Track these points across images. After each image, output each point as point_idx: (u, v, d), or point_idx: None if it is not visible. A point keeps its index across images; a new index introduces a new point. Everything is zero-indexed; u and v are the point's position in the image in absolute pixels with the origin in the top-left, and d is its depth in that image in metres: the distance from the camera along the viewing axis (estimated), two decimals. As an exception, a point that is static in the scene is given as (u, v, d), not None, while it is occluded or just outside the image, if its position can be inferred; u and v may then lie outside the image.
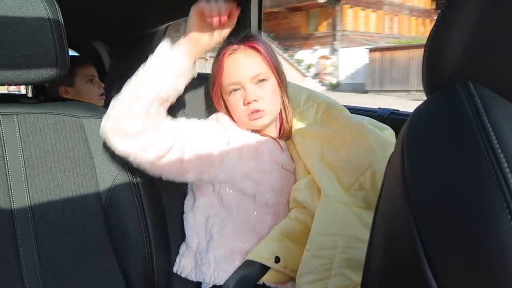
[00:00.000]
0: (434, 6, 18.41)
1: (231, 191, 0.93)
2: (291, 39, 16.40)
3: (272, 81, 0.98)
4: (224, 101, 1.02)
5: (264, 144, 0.98)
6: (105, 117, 0.84)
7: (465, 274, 0.26)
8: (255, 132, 1.00)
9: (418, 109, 0.39)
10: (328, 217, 0.83)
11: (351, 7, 15.59)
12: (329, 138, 0.95)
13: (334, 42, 14.84)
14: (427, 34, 0.40)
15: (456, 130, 0.32)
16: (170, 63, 0.83)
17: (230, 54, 0.96)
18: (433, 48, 0.40)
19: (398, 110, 1.24)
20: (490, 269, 0.25)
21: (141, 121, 0.81)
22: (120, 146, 0.83)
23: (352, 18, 15.71)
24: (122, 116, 0.81)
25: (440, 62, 0.39)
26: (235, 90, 0.96)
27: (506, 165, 0.27)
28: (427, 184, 0.31)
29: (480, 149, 0.29)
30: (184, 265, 0.98)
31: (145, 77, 0.83)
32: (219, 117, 1.01)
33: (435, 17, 0.40)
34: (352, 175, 0.87)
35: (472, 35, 0.36)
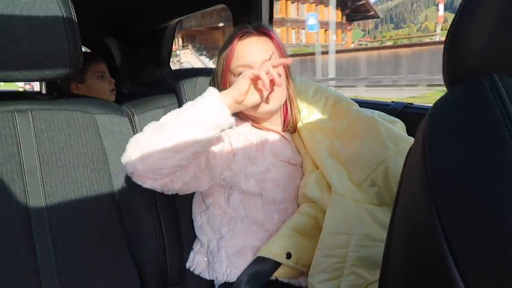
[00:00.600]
0: (344, 20, 25.05)
1: (237, 192, 0.92)
2: (215, 50, 19.99)
3: (281, 69, 0.97)
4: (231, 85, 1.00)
5: (268, 139, 0.97)
6: (132, 154, 0.76)
7: (492, 268, 0.25)
8: (258, 125, 0.99)
9: (439, 102, 0.38)
10: (340, 215, 0.82)
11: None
12: (338, 132, 0.93)
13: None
14: (339, 41, 0.39)
15: (481, 122, 0.31)
16: (218, 122, 0.78)
17: (242, 37, 0.94)
18: (454, 41, 0.39)
19: (412, 104, 1.22)
20: None
21: (180, 166, 0.77)
22: (150, 185, 0.79)
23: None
24: (160, 163, 0.75)
25: (461, 54, 0.38)
26: None
27: None
28: (451, 177, 0.30)
29: (506, 140, 0.28)
30: (198, 262, 0.98)
31: (189, 129, 0.75)
32: None
33: (348, 28, 0.39)
34: (363, 171, 0.85)
35: (495, 26, 0.35)
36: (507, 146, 0.28)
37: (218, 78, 1.01)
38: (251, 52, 0.93)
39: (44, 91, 0.92)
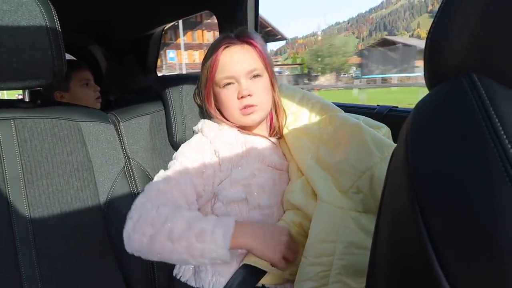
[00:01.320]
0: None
1: (222, 198, 0.92)
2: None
3: (265, 77, 0.97)
4: (214, 97, 1.01)
5: (254, 144, 0.97)
6: (135, 244, 0.78)
7: (474, 266, 0.26)
8: (245, 131, 0.99)
9: (420, 103, 0.38)
10: (326, 224, 0.81)
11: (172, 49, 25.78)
12: (324, 139, 0.93)
13: (162, 70, 24.45)
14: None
15: (461, 121, 0.31)
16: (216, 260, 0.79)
17: (226, 47, 0.94)
18: (435, 41, 0.40)
19: (396, 107, 1.23)
20: (498, 260, 0.24)
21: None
22: None
23: (176, 55, 25.38)
24: (165, 255, 0.78)
25: (442, 55, 0.39)
26: (229, 84, 0.95)
27: None
28: (433, 177, 0.30)
29: (486, 139, 0.28)
30: (184, 270, 0.97)
31: (188, 255, 0.77)
32: (204, 128, 0.99)
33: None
34: (349, 178, 0.84)
35: (474, 27, 0.36)
36: (487, 145, 0.28)
37: (202, 88, 1.01)
38: (236, 63, 0.93)
39: (27, 99, 0.91)
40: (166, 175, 0.88)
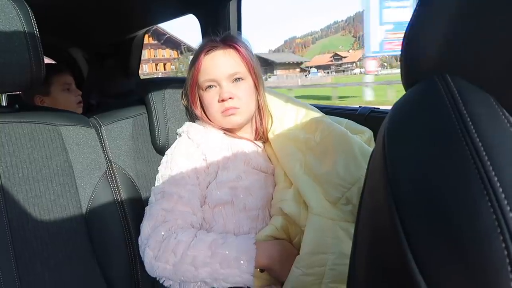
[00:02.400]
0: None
1: (208, 202, 0.92)
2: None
3: (249, 81, 0.98)
4: (199, 100, 1.01)
5: (240, 147, 0.98)
6: (159, 267, 0.81)
7: (447, 262, 0.26)
8: (230, 134, 1.00)
9: (397, 103, 0.39)
10: (317, 236, 0.82)
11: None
12: (311, 146, 0.93)
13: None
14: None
15: (435, 121, 0.32)
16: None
17: (208, 51, 0.95)
18: (410, 42, 0.41)
19: (378, 108, 1.25)
20: (471, 258, 0.25)
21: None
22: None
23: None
24: (188, 279, 0.81)
25: (417, 56, 0.40)
26: (211, 86, 0.96)
27: (484, 153, 0.27)
28: (409, 176, 0.31)
29: (458, 138, 0.29)
30: None
31: (220, 274, 0.80)
32: (190, 131, 0.99)
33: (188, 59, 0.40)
34: (338, 190, 0.85)
35: (448, 28, 0.37)
36: (459, 145, 0.29)
37: (188, 90, 1.02)
38: (218, 67, 0.94)
39: (4, 103, 0.89)
40: (164, 191, 0.89)
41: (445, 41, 0.36)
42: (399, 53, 0.44)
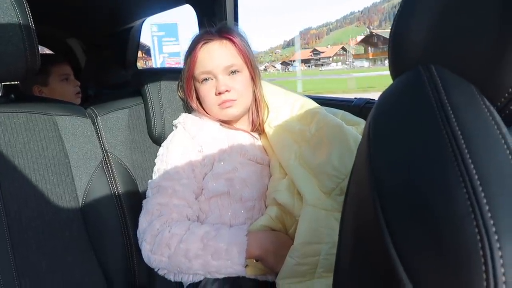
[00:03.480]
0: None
1: (206, 194, 0.93)
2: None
3: (245, 73, 0.98)
4: (195, 92, 1.02)
5: (236, 138, 0.98)
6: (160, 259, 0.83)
7: (424, 248, 0.27)
8: (227, 125, 1.00)
9: (383, 93, 0.39)
10: (311, 227, 0.82)
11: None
12: (306, 137, 0.93)
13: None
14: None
15: (418, 110, 0.33)
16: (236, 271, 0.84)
17: (204, 44, 0.95)
18: (398, 33, 0.41)
19: (374, 100, 1.26)
20: (446, 243, 0.26)
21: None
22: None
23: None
24: (182, 270, 0.84)
25: (403, 46, 0.40)
26: (207, 79, 0.96)
27: (462, 141, 0.28)
28: (391, 163, 0.32)
29: (439, 127, 0.30)
30: None
31: (212, 266, 0.82)
32: (186, 122, 1.00)
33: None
34: (333, 180, 0.86)
35: (433, 19, 0.37)
36: (439, 133, 0.29)
37: (184, 82, 1.02)
38: (213, 59, 0.94)
39: (0, 93, 0.89)
40: (160, 185, 0.90)
41: (430, 33, 0.37)
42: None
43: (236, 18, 1.49)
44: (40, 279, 0.84)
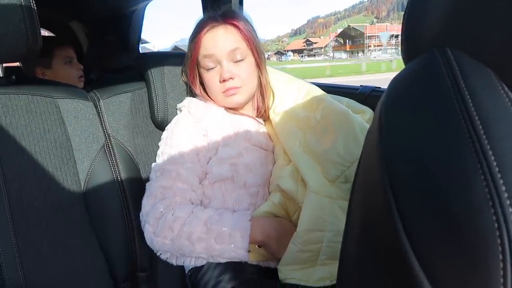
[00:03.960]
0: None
1: (210, 179, 0.92)
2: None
3: (250, 59, 0.96)
4: (199, 78, 1.01)
5: (241, 124, 0.97)
6: (161, 244, 0.83)
7: (439, 238, 0.26)
8: (232, 111, 0.99)
9: (396, 77, 0.38)
10: (315, 214, 0.82)
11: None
12: (311, 124, 0.92)
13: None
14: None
15: (433, 95, 0.32)
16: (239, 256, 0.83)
17: (208, 30, 0.93)
18: (412, 16, 0.40)
19: (379, 88, 1.24)
20: (463, 232, 0.25)
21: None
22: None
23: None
24: (185, 253, 0.84)
25: (418, 29, 0.39)
26: (212, 68, 0.95)
27: (480, 127, 0.27)
28: (404, 150, 0.31)
29: (455, 111, 0.28)
30: None
31: (215, 250, 0.82)
32: (191, 106, 0.99)
33: None
34: (337, 168, 0.85)
35: (449, 2, 0.36)
36: (456, 119, 0.28)
37: (187, 68, 1.01)
38: (218, 45, 0.93)
39: (1, 75, 0.88)
40: (163, 168, 0.90)
41: (446, 15, 0.35)
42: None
43: (241, 2, 1.46)
44: (41, 261, 0.84)
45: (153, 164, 0.94)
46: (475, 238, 0.24)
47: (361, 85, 1.30)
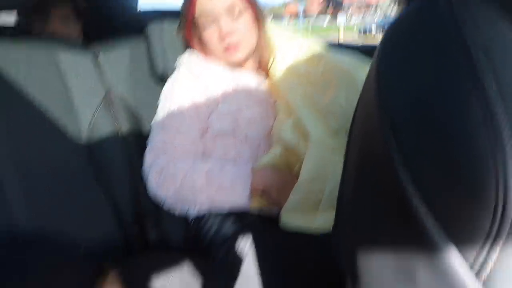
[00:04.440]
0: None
1: (211, 133, 0.93)
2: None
3: (248, 14, 0.94)
4: (197, 36, 0.99)
5: (241, 79, 0.97)
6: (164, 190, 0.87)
7: (438, 165, 0.26)
8: (232, 66, 0.99)
9: (395, 19, 0.38)
10: (316, 164, 0.83)
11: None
12: (312, 79, 0.92)
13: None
14: None
15: (433, 35, 0.31)
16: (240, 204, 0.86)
17: None
18: None
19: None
20: (465, 181, 0.25)
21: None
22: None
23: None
24: (188, 204, 0.87)
25: None
26: (210, 25, 0.93)
27: (480, 52, 0.27)
28: (403, 86, 0.31)
29: (455, 45, 0.28)
30: None
31: (217, 200, 0.85)
32: (190, 62, 0.98)
33: None
34: (341, 119, 0.86)
35: None
36: (456, 51, 0.28)
37: (182, 28, 1.00)
38: (214, 1, 0.91)
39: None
40: (164, 123, 0.91)
41: None
42: None
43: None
44: (50, 216, 0.85)
45: (154, 118, 0.95)
46: (476, 186, 0.25)
47: (362, 44, 1.28)
